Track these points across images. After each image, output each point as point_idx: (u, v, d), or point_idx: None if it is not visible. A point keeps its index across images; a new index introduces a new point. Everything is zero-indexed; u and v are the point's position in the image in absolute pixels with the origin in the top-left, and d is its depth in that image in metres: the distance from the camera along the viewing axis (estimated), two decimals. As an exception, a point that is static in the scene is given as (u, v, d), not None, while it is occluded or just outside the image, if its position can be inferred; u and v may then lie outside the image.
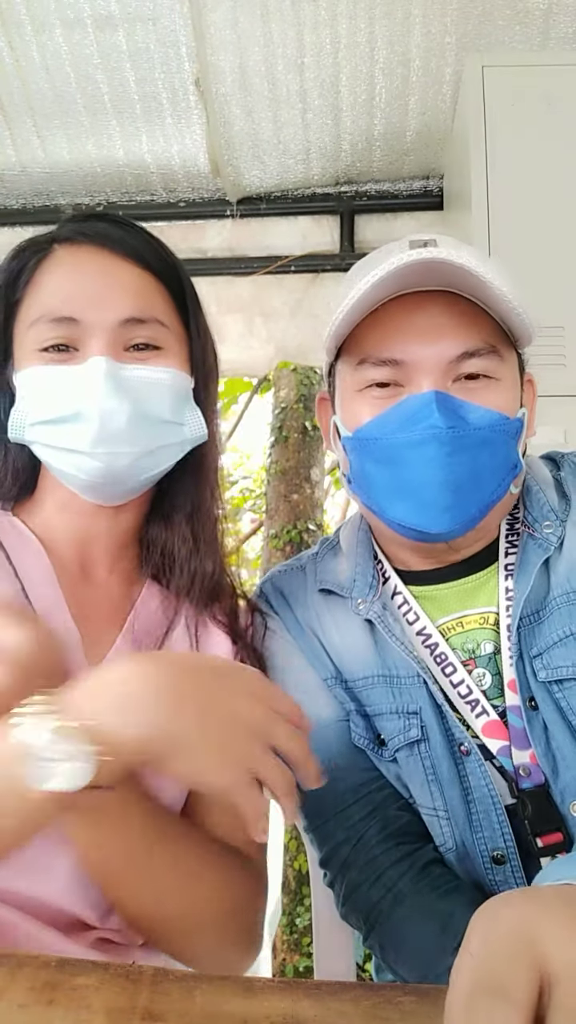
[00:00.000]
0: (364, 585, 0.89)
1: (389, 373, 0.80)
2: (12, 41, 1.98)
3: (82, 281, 0.75)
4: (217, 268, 2.41)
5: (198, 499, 0.85)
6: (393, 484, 0.79)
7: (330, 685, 0.88)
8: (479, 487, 0.78)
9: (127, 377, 0.74)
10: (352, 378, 0.84)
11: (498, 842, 0.77)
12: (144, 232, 0.82)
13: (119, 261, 0.77)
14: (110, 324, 0.75)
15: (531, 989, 0.34)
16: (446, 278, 0.77)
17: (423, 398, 0.77)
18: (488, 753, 0.80)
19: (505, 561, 0.86)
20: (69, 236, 0.79)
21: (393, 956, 0.76)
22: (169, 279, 0.81)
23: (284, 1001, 0.45)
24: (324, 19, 1.91)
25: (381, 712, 0.84)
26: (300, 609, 0.93)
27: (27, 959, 0.47)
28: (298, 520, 3.58)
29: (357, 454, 0.83)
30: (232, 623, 0.86)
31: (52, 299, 0.75)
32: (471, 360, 0.78)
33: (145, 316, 0.76)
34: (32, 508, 0.84)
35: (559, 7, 1.88)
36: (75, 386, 0.73)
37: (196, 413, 0.82)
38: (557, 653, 0.79)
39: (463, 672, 0.83)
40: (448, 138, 2.16)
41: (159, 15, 1.91)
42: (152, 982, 0.46)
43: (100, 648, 0.79)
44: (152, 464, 0.79)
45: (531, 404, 0.89)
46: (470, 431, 0.76)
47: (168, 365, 0.78)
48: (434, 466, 0.76)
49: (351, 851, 0.80)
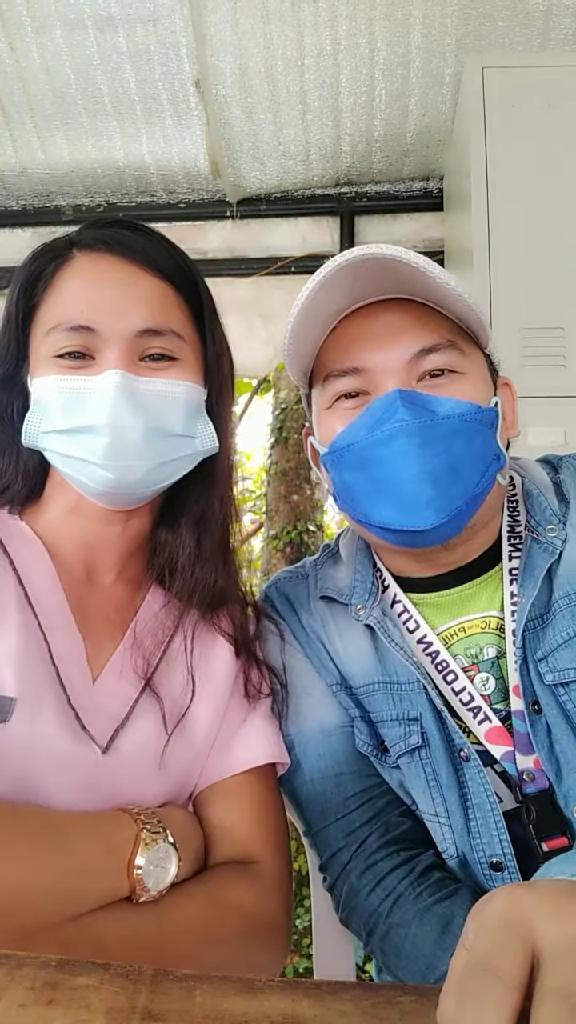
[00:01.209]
0: (364, 592, 0.89)
1: (353, 382, 0.81)
2: (12, 42, 1.98)
3: (100, 290, 0.75)
4: (217, 269, 2.41)
5: (206, 507, 0.85)
6: (372, 487, 0.79)
7: (335, 691, 0.88)
8: (459, 478, 0.77)
9: (142, 391, 0.75)
10: (322, 397, 0.85)
11: (496, 849, 0.77)
12: (164, 240, 0.82)
13: (138, 271, 0.77)
14: (127, 334, 0.75)
15: (521, 967, 0.34)
16: (396, 284, 0.78)
17: (387, 398, 0.77)
18: (490, 759, 0.80)
19: (509, 565, 0.85)
20: (89, 243, 0.78)
21: (393, 960, 0.76)
22: (187, 289, 0.81)
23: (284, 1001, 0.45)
24: (324, 20, 1.92)
25: (383, 719, 0.84)
26: (305, 615, 0.93)
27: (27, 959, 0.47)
28: (298, 521, 3.58)
29: (335, 467, 0.83)
30: (237, 633, 0.86)
31: (70, 307, 0.75)
32: (430, 356, 0.79)
33: (162, 328, 0.76)
34: (39, 512, 0.84)
35: (559, 8, 1.88)
36: (90, 398, 0.74)
37: (208, 426, 0.82)
38: (563, 655, 0.78)
39: (464, 679, 0.83)
40: (448, 139, 2.16)
41: (159, 16, 1.92)
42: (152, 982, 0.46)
43: (103, 653, 0.79)
44: (163, 475, 0.79)
45: (511, 404, 0.89)
46: (438, 420, 0.76)
47: (182, 378, 0.78)
48: (407, 459, 0.75)
49: (352, 856, 0.80)
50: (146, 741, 0.75)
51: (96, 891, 0.64)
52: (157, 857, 0.67)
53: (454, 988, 0.36)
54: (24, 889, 0.59)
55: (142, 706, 0.77)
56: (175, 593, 0.85)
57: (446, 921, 0.72)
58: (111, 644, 0.80)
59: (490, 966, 0.34)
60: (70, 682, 0.74)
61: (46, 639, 0.74)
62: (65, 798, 0.69)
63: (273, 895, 0.77)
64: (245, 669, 0.85)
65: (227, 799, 0.80)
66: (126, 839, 0.67)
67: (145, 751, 0.75)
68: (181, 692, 0.80)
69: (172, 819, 0.73)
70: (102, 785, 0.71)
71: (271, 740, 0.84)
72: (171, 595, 0.85)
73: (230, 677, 0.84)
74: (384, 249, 0.73)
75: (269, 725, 0.85)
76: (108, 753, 0.72)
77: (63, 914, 0.62)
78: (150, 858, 0.66)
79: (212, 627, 0.86)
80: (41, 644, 0.73)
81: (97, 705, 0.75)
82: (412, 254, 0.74)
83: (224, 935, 0.70)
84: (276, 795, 0.85)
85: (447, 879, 0.78)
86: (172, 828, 0.71)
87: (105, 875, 0.64)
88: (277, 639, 0.92)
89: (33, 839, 0.62)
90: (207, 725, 0.81)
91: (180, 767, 0.78)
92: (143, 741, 0.75)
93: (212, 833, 0.79)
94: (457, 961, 0.38)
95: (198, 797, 0.82)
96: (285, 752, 0.85)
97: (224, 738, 0.83)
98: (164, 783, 0.76)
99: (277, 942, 0.76)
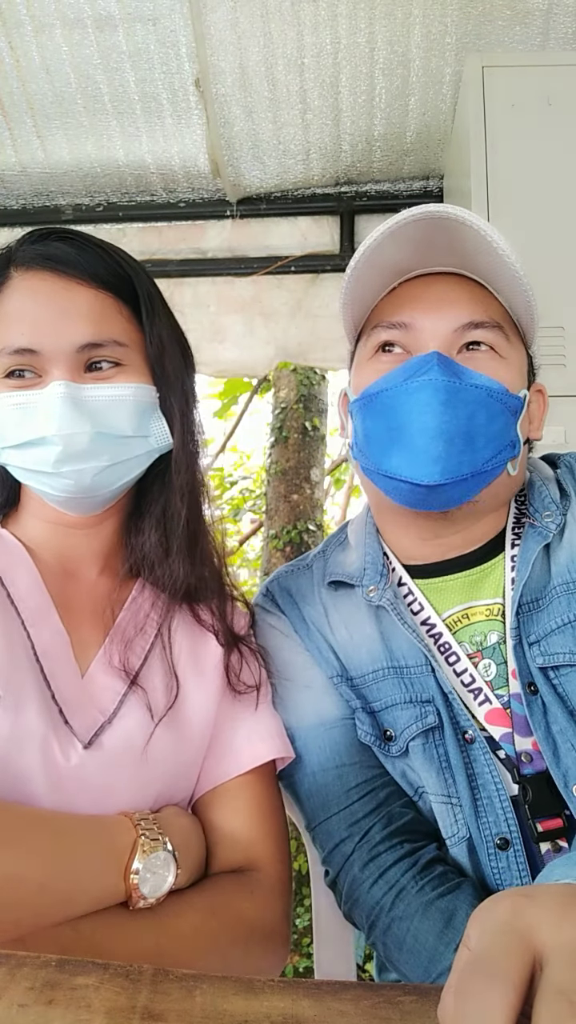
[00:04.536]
0: (375, 573, 0.90)
1: (398, 335, 0.84)
2: (12, 41, 1.98)
3: (38, 311, 0.76)
4: (217, 268, 2.41)
5: (166, 503, 0.86)
6: (388, 435, 0.82)
7: (336, 683, 0.89)
8: (472, 448, 0.80)
9: (87, 398, 0.76)
10: (365, 348, 0.88)
11: (502, 827, 0.78)
12: (100, 247, 0.82)
13: (75, 285, 0.78)
14: (68, 351, 0.76)
15: (522, 969, 0.34)
16: (459, 255, 0.82)
17: (425, 357, 0.81)
18: (493, 742, 0.81)
19: (511, 552, 0.87)
20: (26, 262, 0.79)
21: (396, 954, 0.76)
22: (127, 294, 0.82)
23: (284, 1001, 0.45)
24: (324, 19, 1.91)
25: (392, 704, 0.85)
26: (307, 608, 0.94)
27: (27, 959, 0.47)
28: (298, 520, 3.58)
29: (361, 413, 0.86)
30: (218, 626, 0.87)
31: (10, 332, 0.76)
32: (476, 331, 0.83)
33: (102, 339, 0.77)
34: (18, 519, 0.86)
35: (559, 7, 1.88)
36: (37, 411, 0.76)
37: (161, 423, 0.83)
38: (555, 640, 0.80)
39: (467, 661, 0.84)
40: (448, 138, 2.16)
41: (159, 15, 1.91)
42: (152, 982, 0.46)
43: (89, 650, 0.79)
44: (119, 475, 0.81)
45: (541, 411, 0.93)
46: (467, 386, 0.79)
47: (129, 380, 0.79)
48: (427, 412, 0.78)
49: (354, 848, 0.81)
50: (132, 736, 0.76)
51: (91, 892, 0.64)
52: (155, 864, 0.67)
53: (455, 986, 0.36)
54: (18, 883, 0.59)
55: (130, 700, 0.77)
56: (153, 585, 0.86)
57: (449, 915, 0.73)
58: (98, 638, 0.81)
59: (491, 965, 0.35)
60: (55, 678, 0.74)
61: (29, 636, 0.75)
62: (52, 794, 0.69)
63: (273, 902, 0.77)
64: (227, 661, 0.85)
65: (229, 803, 0.81)
66: (124, 844, 0.67)
67: (131, 746, 0.75)
68: (168, 686, 0.80)
69: (173, 826, 0.73)
70: (87, 781, 0.71)
71: (273, 735, 0.84)
72: (157, 589, 0.86)
73: (220, 667, 0.85)
74: (455, 211, 0.77)
75: (271, 720, 0.86)
76: (90, 748, 0.73)
77: (58, 913, 0.62)
78: (147, 865, 0.67)
79: (197, 620, 0.86)
80: (24, 641, 0.74)
81: (86, 699, 0.75)
82: (480, 219, 0.78)
83: (224, 944, 0.70)
84: (277, 795, 0.85)
85: (450, 873, 0.78)
86: (172, 835, 0.71)
87: (101, 877, 0.65)
88: (278, 633, 0.93)
89: (28, 835, 0.62)
90: (201, 720, 0.81)
91: (171, 763, 0.78)
92: (129, 736, 0.75)
93: (214, 837, 0.79)
94: (459, 960, 0.38)
95: (200, 800, 0.82)
96: (289, 745, 0.85)
97: (225, 739, 0.83)
98: (152, 780, 0.76)
99: (277, 948, 0.76)
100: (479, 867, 0.78)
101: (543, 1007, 0.33)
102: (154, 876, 0.67)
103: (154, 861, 0.67)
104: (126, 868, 0.66)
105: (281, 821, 0.84)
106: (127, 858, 0.66)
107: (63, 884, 0.62)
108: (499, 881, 0.77)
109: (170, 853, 0.69)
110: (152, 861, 0.67)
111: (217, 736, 0.83)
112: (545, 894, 0.39)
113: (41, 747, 0.69)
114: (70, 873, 0.63)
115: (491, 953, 0.35)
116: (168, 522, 0.85)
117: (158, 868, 0.68)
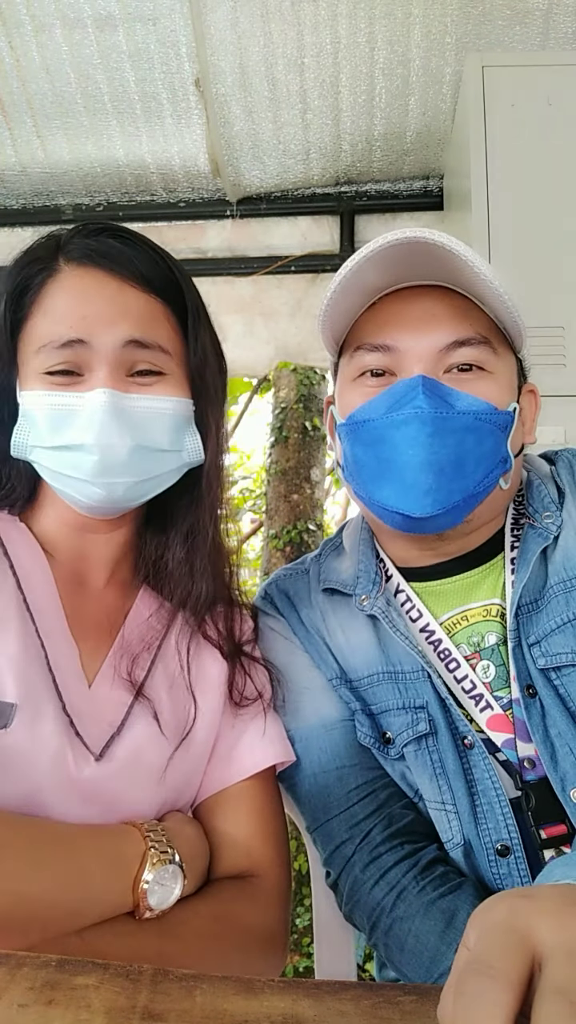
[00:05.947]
0: (367, 582, 0.90)
1: (382, 359, 0.82)
2: (12, 41, 1.98)
3: (88, 305, 0.75)
4: (217, 268, 2.41)
5: (195, 520, 0.85)
6: (379, 466, 0.81)
7: (335, 686, 0.88)
8: (463, 474, 0.79)
9: (129, 408, 0.75)
10: (348, 368, 0.86)
11: (502, 834, 0.77)
12: (152, 248, 0.81)
13: (125, 286, 0.77)
14: (115, 345, 0.75)
15: (520, 967, 0.34)
16: (440, 271, 0.79)
17: (410, 382, 0.79)
18: (493, 747, 0.81)
19: (511, 555, 0.87)
20: (76, 256, 0.78)
21: (397, 955, 0.76)
22: (174, 300, 0.81)
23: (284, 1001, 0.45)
24: (324, 19, 1.91)
25: (388, 708, 0.85)
26: (305, 610, 0.94)
27: (27, 959, 0.47)
28: (298, 520, 3.58)
29: (349, 439, 0.84)
30: (222, 639, 0.86)
31: (59, 324, 0.75)
32: (462, 349, 0.80)
33: (148, 341, 0.76)
34: (35, 516, 0.84)
35: (559, 7, 1.88)
36: (79, 416, 0.74)
37: (195, 438, 0.82)
38: (555, 640, 0.80)
39: (467, 667, 0.84)
40: (448, 138, 2.16)
41: (159, 15, 1.91)
42: (152, 982, 0.46)
43: (97, 659, 0.79)
44: (149, 489, 0.80)
45: (532, 413, 0.91)
46: (454, 415, 0.78)
47: (168, 393, 0.79)
48: (415, 446, 0.77)
49: (355, 849, 0.81)
50: (141, 748, 0.75)
51: (100, 905, 0.64)
52: (164, 877, 0.67)
53: (455, 986, 0.36)
54: (28, 898, 0.59)
55: (136, 712, 0.77)
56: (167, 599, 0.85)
57: (450, 916, 0.73)
58: (103, 649, 0.80)
59: (490, 965, 0.35)
60: (66, 688, 0.73)
61: (43, 645, 0.74)
62: (63, 805, 0.69)
63: (274, 908, 0.77)
64: (230, 673, 0.84)
65: (231, 808, 0.81)
66: (133, 856, 0.67)
67: (140, 758, 0.75)
68: (178, 700, 0.80)
69: (181, 836, 0.73)
70: (98, 793, 0.71)
71: (275, 739, 0.84)
72: (161, 599, 0.85)
73: (223, 681, 0.84)
74: (435, 236, 0.75)
75: (272, 724, 0.85)
76: (102, 761, 0.72)
77: (66, 925, 0.62)
78: (157, 877, 0.67)
79: (201, 632, 0.86)
80: (39, 650, 0.73)
81: (93, 711, 0.75)
82: (460, 244, 0.75)
83: (225, 950, 0.70)
84: (278, 798, 0.85)
85: (451, 873, 0.78)
86: (180, 845, 0.71)
87: (110, 890, 0.65)
88: (277, 636, 0.93)
89: (40, 849, 0.62)
90: (204, 731, 0.81)
91: (178, 772, 0.78)
92: (138, 748, 0.75)
93: (216, 843, 0.79)
94: (459, 960, 0.38)
95: (202, 805, 0.82)
96: (290, 748, 0.85)
97: (226, 745, 0.83)
98: (160, 791, 0.76)
99: (275, 953, 0.77)
100: (479, 872, 0.78)
101: (542, 1007, 0.33)
102: (162, 888, 0.67)
103: (163, 874, 0.67)
104: (135, 880, 0.66)
105: (282, 825, 0.84)
106: (136, 870, 0.66)
107: (73, 898, 0.62)
108: (500, 887, 0.77)
109: (178, 865, 0.69)
110: (161, 874, 0.67)
111: (220, 742, 0.83)
112: (544, 894, 0.39)
113: (55, 758, 0.69)
114: (80, 887, 0.62)
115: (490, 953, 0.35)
116: (194, 539, 0.84)
117: (167, 880, 0.68)
